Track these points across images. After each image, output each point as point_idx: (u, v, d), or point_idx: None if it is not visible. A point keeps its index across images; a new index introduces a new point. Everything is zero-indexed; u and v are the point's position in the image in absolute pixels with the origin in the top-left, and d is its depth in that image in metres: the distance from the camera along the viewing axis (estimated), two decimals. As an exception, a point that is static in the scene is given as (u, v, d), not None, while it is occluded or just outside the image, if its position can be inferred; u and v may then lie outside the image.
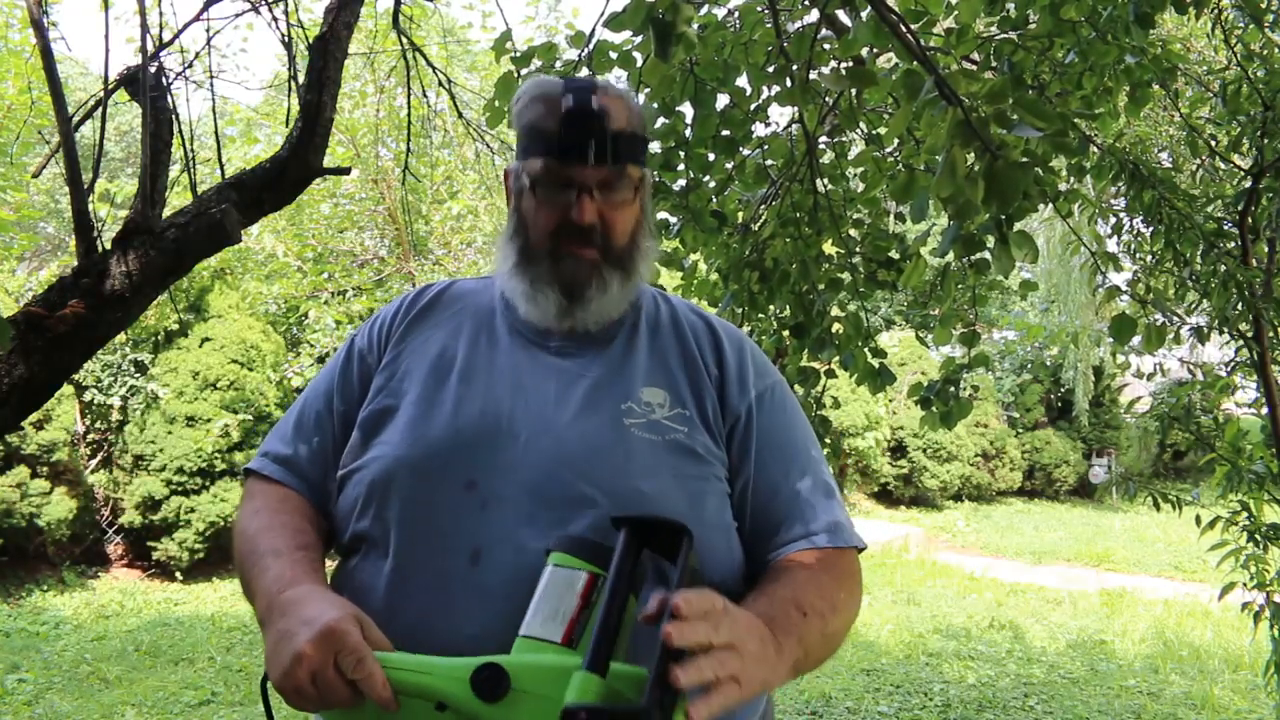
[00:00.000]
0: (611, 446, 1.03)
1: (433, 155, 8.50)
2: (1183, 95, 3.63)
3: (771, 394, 1.15)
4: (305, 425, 1.15)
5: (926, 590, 7.85)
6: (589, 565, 0.87)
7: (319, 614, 0.88)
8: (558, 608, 0.85)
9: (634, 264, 1.14)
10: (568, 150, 1.07)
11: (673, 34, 1.75)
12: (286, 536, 1.04)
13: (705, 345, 1.15)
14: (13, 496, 6.97)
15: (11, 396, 1.58)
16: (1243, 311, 2.83)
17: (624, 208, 1.12)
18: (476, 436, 1.04)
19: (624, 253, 1.13)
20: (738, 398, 1.12)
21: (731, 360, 1.14)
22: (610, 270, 1.11)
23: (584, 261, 1.10)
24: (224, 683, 5.22)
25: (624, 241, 1.12)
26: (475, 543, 0.98)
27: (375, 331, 1.19)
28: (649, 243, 1.18)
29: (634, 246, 1.14)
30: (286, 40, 2.26)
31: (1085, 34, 2.34)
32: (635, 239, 1.14)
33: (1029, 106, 1.49)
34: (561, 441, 1.03)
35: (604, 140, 1.07)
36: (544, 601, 0.86)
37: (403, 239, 10.02)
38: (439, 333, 1.16)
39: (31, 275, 8.13)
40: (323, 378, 1.19)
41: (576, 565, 0.87)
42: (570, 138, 1.07)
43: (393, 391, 1.11)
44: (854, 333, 2.82)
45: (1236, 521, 3.06)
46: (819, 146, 2.70)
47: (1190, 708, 4.93)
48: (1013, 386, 14.15)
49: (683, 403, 1.09)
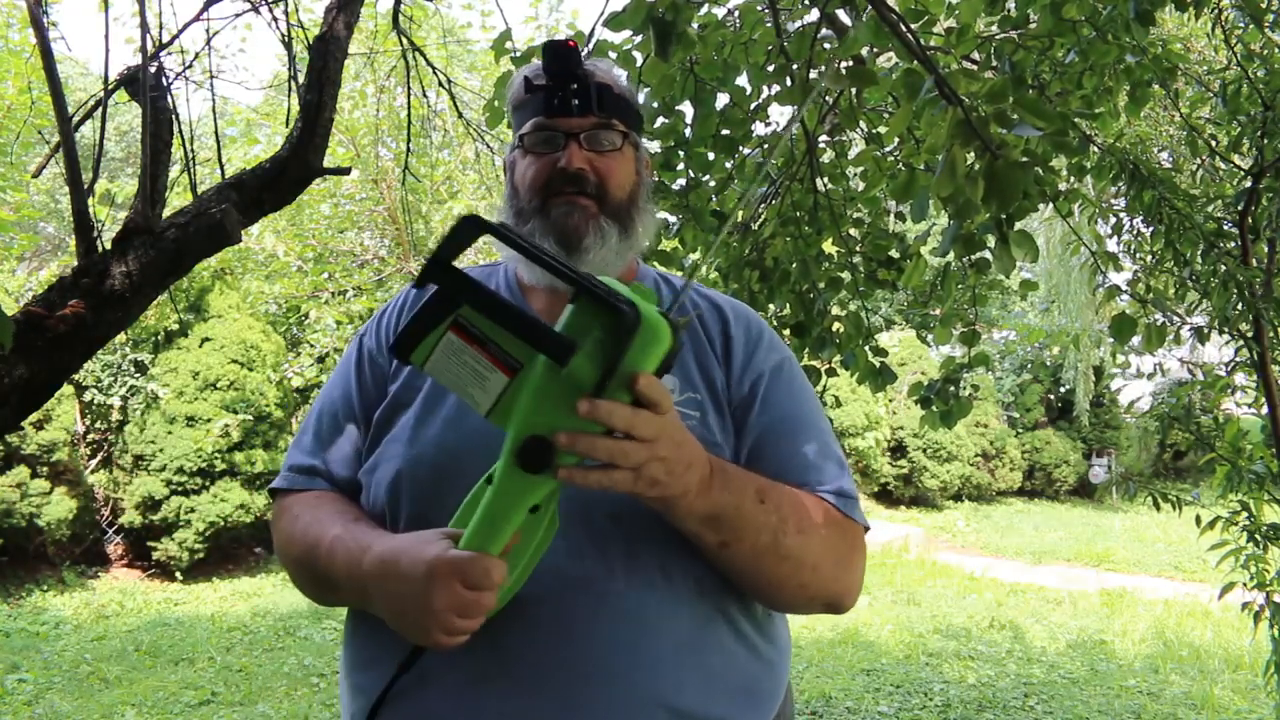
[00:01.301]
0: None
1: (433, 155, 8.50)
2: (1183, 95, 3.63)
3: (780, 369, 1.12)
4: (325, 432, 1.14)
5: (926, 590, 7.85)
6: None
7: (415, 563, 0.89)
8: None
9: (632, 221, 1.12)
10: (551, 99, 1.08)
11: (673, 33, 1.75)
12: (336, 519, 1.05)
13: (712, 324, 1.13)
14: (13, 496, 6.97)
15: (11, 396, 1.58)
16: (1243, 311, 2.83)
17: (616, 158, 1.11)
18: (486, 433, 1.02)
19: (621, 207, 1.11)
20: (746, 373, 1.10)
21: (739, 336, 1.12)
22: (609, 222, 1.09)
23: (578, 207, 1.08)
24: (224, 683, 5.22)
25: (621, 195, 1.11)
26: None
27: (383, 331, 1.19)
28: (648, 207, 1.16)
29: (632, 204, 1.12)
30: (286, 40, 2.25)
31: (1085, 33, 2.34)
32: (633, 197, 1.13)
33: (1029, 106, 1.49)
34: None
35: (587, 88, 1.08)
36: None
37: (403, 239, 10.02)
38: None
39: (31, 275, 8.13)
40: (337, 383, 1.18)
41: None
42: (554, 87, 1.08)
43: (407, 386, 1.11)
44: (854, 332, 2.82)
45: (1236, 521, 3.06)
46: (819, 146, 2.70)
47: (1190, 708, 4.92)
48: (1013, 386, 14.15)
49: (694, 387, 1.07)
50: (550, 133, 1.10)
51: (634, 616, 0.97)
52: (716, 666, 1.00)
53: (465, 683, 0.96)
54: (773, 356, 1.13)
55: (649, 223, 1.16)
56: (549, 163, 1.09)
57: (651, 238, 1.20)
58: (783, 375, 1.12)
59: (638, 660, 0.95)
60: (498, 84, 2.35)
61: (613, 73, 1.15)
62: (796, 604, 1.05)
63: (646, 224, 1.15)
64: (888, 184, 2.50)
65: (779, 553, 0.97)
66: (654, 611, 0.98)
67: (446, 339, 0.84)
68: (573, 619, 0.95)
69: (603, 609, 0.96)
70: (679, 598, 0.99)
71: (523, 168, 1.12)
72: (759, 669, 1.05)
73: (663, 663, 0.96)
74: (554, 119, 1.09)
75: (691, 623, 1.00)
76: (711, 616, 1.01)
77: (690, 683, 0.97)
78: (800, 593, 1.01)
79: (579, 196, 1.08)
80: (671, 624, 0.98)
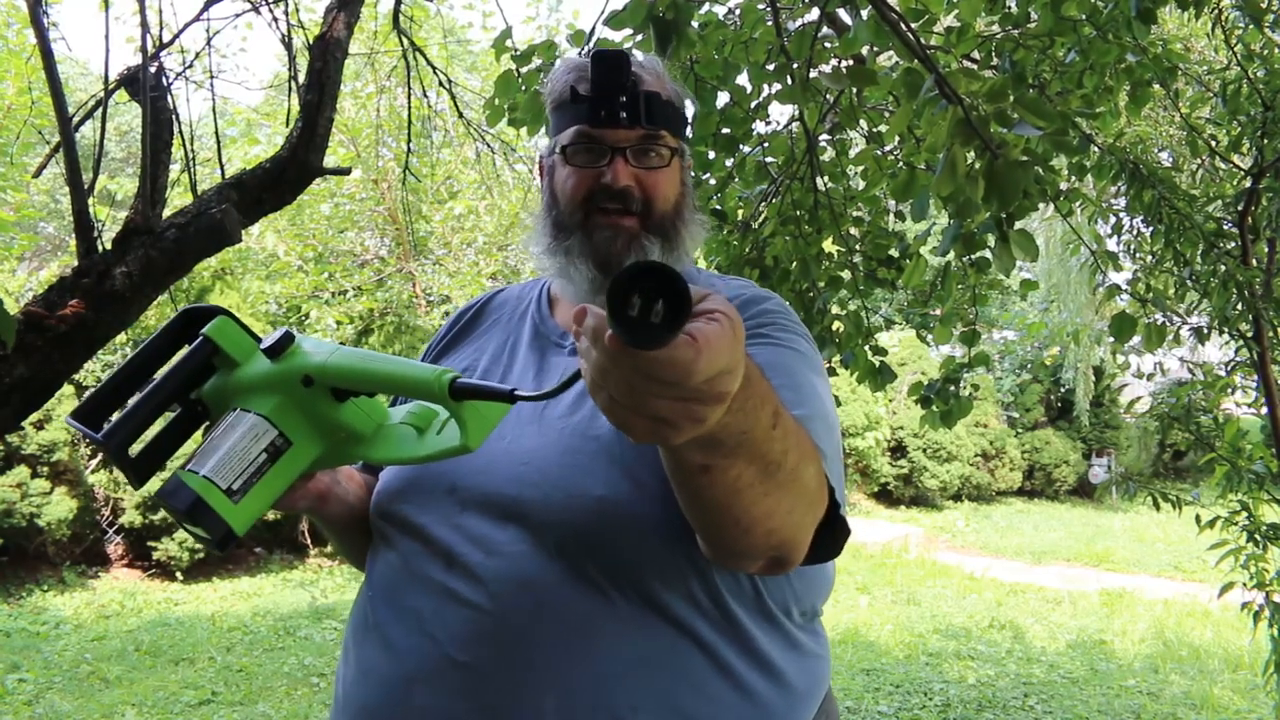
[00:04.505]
0: (574, 451, 0.96)
1: (433, 155, 8.49)
2: (1183, 95, 3.63)
3: (778, 340, 1.01)
4: None
5: (926, 590, 7.85)
6: None
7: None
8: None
9: (677, 234, 1.07)
10: (597, 111, 1.02)
11: (673, 32, 1.75)
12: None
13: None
14: (13, 496, 6.97)
15: (12, 396, 1.58)
16: (1242, 312, 2.83)
17: (662, 173, 1.06)
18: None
19: (666, 220, 1.06)
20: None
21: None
22: (650, 239, 1.04)
23: (621, 231, 1.04)
24: (224, 682, 5.22)
25: (666, 208, 1.06)
26: (448, 546, 0.96)
27: (425, 356, 1.20)
28: (697, 217, 1.10)
29: (677, 216, 1.07)
30: (286, 40, 2.25)
31: (1086, 32, 2.34)
32: (679, 209, 1.08)
33: (1029, 105, 1.49)
34: (533, 448, 0.98)
35: (636, 100, 1.02)
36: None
37: (403, 239, 10.01)
38: (469, 349, 1.16)
39: (32, 275, 8.13)
40: None
41: None
42: (601, 98, 1.01)
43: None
44: (854, 331, 2.82)
45: (1236, 521, 3.06)
46: (819, 144, 2.70)
47: (1190, 707, 4.93)
48: (1013, 386, 14.15)
49: None
50: (594, 144, 1.04)
51: (580, 627, 0.90)
52: (681, 698, 0.90)
53: (400, 678, 0.94)
54: (773, 333, 1.03)
55: (696, 231, 1.10)
56: (592, 176, 1.04)
57: (700, 243, 1.13)
58: (774, 340, 1.01)
59: (585, 670, 0.89)
60: (498, 84, 2.36)
61: (662, 75, 1.09)
62: (761, 542, 0.81)
63: (693, 232, 1.09)
64: (888, 183, 2.49)
65: (769, 484, 0.75)
66: (605, 626, 0.90)
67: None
68: (518, 621, 0.91)
69: (546, 613, 0.90)
70: (636, 615, 0.91)
71: (563, 177, 1.07)
72: (746, 711, 0.93)
73: (611, 678, 0.89)
74: (599, 130, 1.03)
75: (651, 644, 0.90)
76: (676, 640, 0.91)
77: (645, 708, 0.89)
78: (769, 533, 0.80)
79: (623, 217, 1.04)
80: (623, 641, 0.90)
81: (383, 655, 0.96)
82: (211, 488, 0.85)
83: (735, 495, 0.75)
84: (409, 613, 0.96)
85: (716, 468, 0.72)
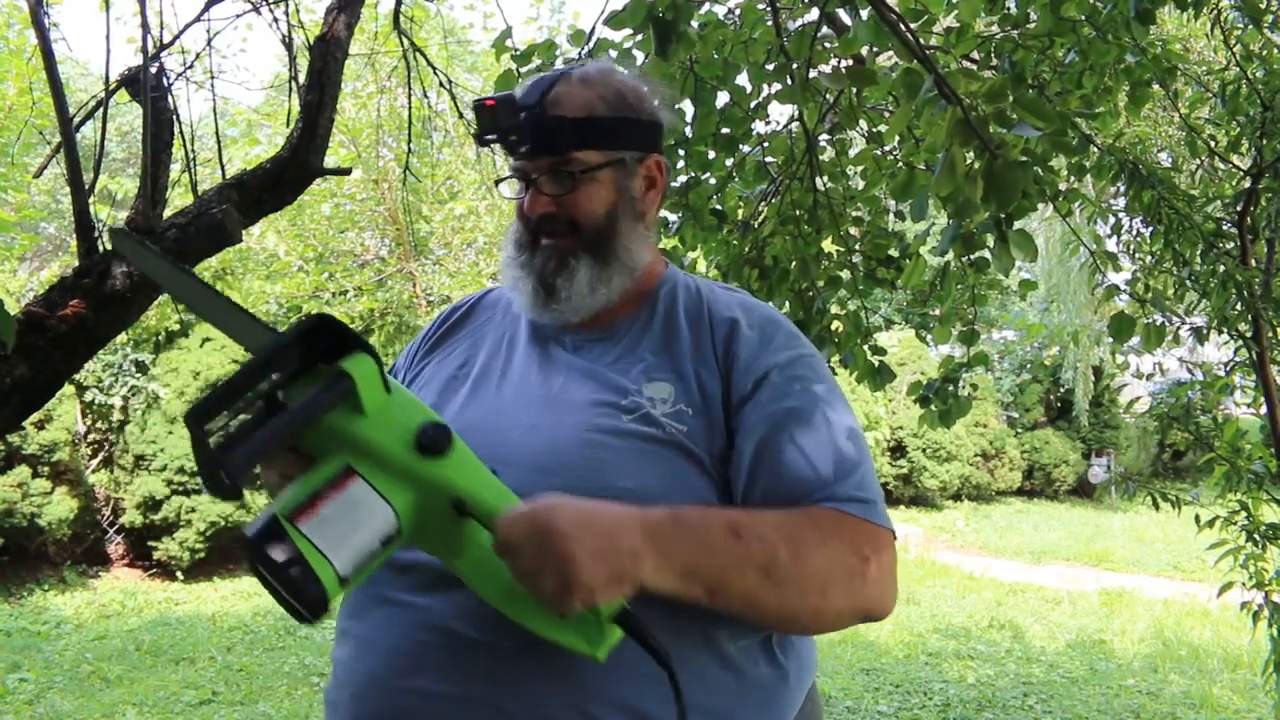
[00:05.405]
0: (596, 444, 0.99)
1: (434, 156, 8.50)
2: (1182, 95, 3.63)
3: (789, 365, 1.06)
4: None
5: (926, 590, 7.85)
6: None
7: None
8: None
9: (610, 247, 1.10)
10: (507, 146, 1.09)
11: (673, 32, 1.76)
12: None
13: (720, 336, 1.08)
14: (14, 496, 6.97)
15: (12, 396, 1.58)
16: (1242, 312, 2.83)
17: (584, 188, 1.08)
18: (468, 441, 1.01)
19: (599, 234, 1.09)
20: (750, 371, 1.04)
21: (748, 339, 1.07)
22: (581, 255, 1.09)
23: (555, 251, 1.10)
24: (224, 682, 5.23)
25: (595, 223, 1.09)
26: None
27: (411, 349, 1.22)
28: (635, 225, 1.12)
29: (610, 229, 1.10)
30: (287, 40, 2.26)
31: (1085, 33, 2.34)
32: (612, 221, 1.10)
33: (1029, 105, 1.49)
34: (553, 440, 1.00)
35: (541, 130, 1.06)
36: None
37: (404, 239, 10.02)
38: (464, 344, 1.18)
39: (32, 275, 8.14)
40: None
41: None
42: (505, 133, 1.07)
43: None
44: (854, 331, 2.82)
45: (1235, 521, 3.06)
46: (819, 144, 2.70)
47: (1189, 707, 4.93)
48: (1012, 386, 14.14)
49: (689, 398, 1.03)
50: (519, 175, 1.12)
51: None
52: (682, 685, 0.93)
53: (390, 674, 0.96)
54: (782, 354, 1.07)
55: (639, 238, 1.13)
56: (522, 204, 1.12)
57: (648, 245, 1.15)
58: (788, 369, 1.06)
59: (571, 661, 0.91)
60: (498, 84, 2.36)
61: (595, 85, 1.10)
62: (821, 625, 1.00)
63: (636, 242, 1.12)
64: (887, 183, 2.50)
65: (775, 584, 0.90)
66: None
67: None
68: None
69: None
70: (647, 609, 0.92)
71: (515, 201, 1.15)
72: (739, 703, 0.98)
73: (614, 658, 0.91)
74: (519, 161, 1.10)
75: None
76: (684, 630, 0.94)
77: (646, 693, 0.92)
78: (818, 617, 0.96)
79: (555, 237, 1.10)
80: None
81: (385, 627, 0.98)
82: (327, 569, 0.80)
83: (754, 599, 0.92)
84: (413, 584, 0.99)
85: (717, 590, 0.90)
